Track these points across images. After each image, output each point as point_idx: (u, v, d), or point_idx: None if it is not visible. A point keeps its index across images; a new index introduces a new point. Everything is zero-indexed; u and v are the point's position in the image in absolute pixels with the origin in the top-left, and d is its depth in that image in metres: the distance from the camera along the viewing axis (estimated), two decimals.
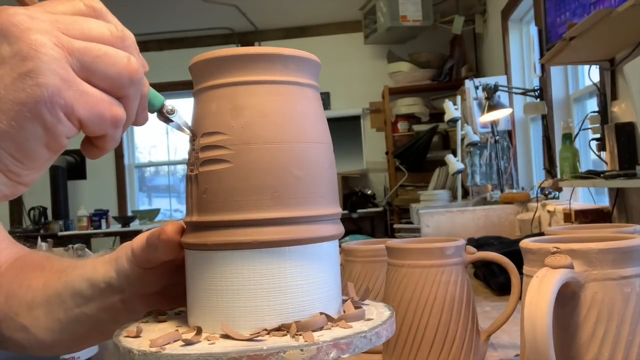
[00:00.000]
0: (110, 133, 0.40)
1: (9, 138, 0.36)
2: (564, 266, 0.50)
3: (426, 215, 2.39)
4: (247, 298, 0.43)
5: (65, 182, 5.97)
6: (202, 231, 0.45)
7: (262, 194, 0.44)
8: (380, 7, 4.91)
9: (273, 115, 0.45)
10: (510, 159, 3.41)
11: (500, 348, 0.86)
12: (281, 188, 0.44)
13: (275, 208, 0.44)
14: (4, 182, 0.38)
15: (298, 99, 0.46)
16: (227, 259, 0.44)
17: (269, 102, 0.45)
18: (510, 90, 3.27)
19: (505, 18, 3.70)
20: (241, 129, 0.44)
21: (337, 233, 0.48)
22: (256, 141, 0.44)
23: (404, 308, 0.70)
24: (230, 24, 5.51)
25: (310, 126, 0.46)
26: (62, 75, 0.36)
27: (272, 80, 0.45)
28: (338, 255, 0.49)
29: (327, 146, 0.48)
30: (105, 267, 0.56)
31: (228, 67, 0.46)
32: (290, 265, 0.44)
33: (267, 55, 0.46)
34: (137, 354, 0.41)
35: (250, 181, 0.44)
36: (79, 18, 0.39)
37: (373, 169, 5.55)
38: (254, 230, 0.43)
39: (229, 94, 0.45)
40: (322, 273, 0.45)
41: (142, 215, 5.71)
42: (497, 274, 1.33)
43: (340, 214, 0.49)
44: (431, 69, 5.01)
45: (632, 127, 1.78)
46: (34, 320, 0.59)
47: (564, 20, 2.50)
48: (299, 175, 0.45)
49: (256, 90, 0.45)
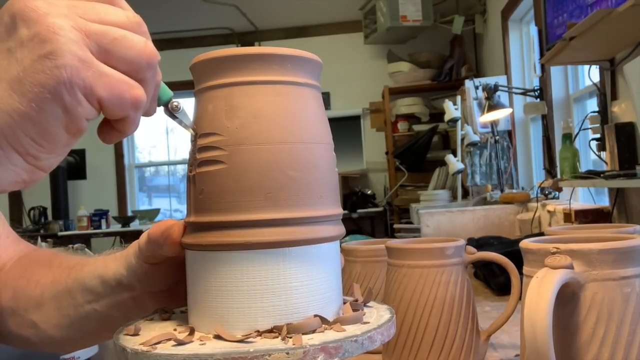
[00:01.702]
0: (131, 115, 0.40)
1: (28, 120, 0.36)
2: (564, 266, 0.50)
3: (426, 215, 2.39)
4: (240, 299, 0.43)
5: (65, 182, 5.97)
6: (199, 232, 0.45)
7: (256, 195, 0.44)
8: (380, 7, 4.91)
9: (267, 116, 0.44)
10: (510, 159, 3.41)
11: (500, 348, 0.86)
12: (275, 189, 0.44)
13: (269, 209, 0.44)
14: (23, 167, 0.38)
15: (294, 99, 0.46)
16: (221, 260, 0.44)
17: (264, 103, 0.45)
18: (510, 90, 3.27)
19: (505, 18, 3.70)
20: (236, 129, 0.44)
21: (336, 234, 0.47)
22: (250, 142, 0.44)
23: (404, 308, 0.70)
24: (230, 24, 5.51)
25: (307, 126, 0.46)
26: (81, 57, 0.36)
27: (268, 80, 0.45)
28: (338, 257, 0.49)
29: (326, 146, 0.47)
30: (116, 264, 0.56)
31: (224, 68, 0.45)
32: (284, 267, 0.43)
33: (262, 55, 0.45)
34: (130, 353, 0.41)
35: (244, 182, 0.44)
36: (96, 4, 0.39)
37: (373, 169, 5.55)
38: (247, 232, 0.43)
39: (225, 94, 0.45)
40: (319, 275, 0.45)
41: (142, 215, 5.71)
42: (497, 274, 1.33)
43: (341, 215, 0.49)
44: (431, 69, 5.01)
45: (632, 127, 1.78)
46: (43, 317, 0.59)
47: (561, 22, 2.51)
48: (293, 176, 0.44)
49: (251, 90, 0.45)
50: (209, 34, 5.49)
